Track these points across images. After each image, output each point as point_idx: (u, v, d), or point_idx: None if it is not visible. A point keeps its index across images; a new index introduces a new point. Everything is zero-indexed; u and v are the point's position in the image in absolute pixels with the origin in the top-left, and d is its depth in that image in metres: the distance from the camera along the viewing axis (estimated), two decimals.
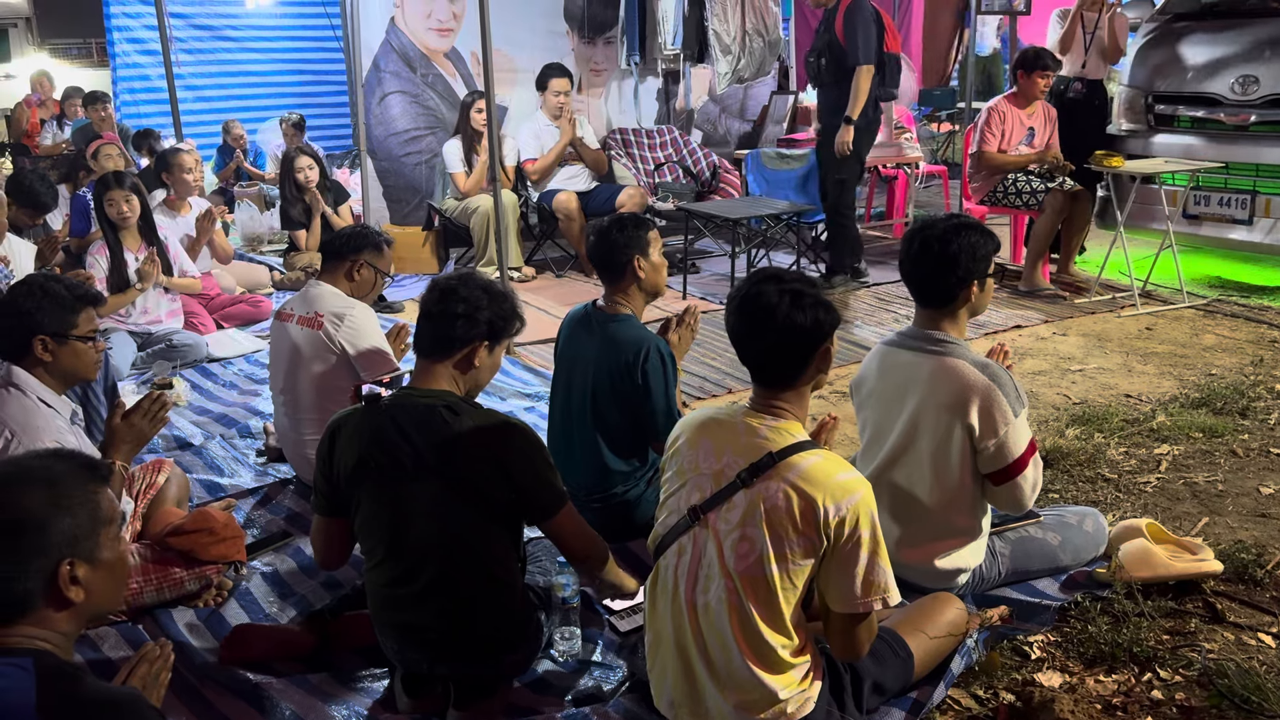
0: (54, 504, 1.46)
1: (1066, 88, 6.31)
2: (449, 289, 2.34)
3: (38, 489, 1.46)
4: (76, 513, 1.47)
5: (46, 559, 1.44)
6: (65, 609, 1.47)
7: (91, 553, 1.49)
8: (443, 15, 6.66)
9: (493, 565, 2.28)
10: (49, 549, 1.44)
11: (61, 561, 1.45)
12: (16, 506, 1.44)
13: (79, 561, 1.47)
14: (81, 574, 1.47)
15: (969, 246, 2.52)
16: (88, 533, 1.48)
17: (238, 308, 5.50)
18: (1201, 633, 2.58)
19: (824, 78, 5.63)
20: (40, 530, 1.44)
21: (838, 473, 1.95)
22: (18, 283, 2.71)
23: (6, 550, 1.43)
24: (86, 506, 1.49)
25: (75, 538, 1.46)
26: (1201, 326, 5.15)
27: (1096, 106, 6.28)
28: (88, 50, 14.07)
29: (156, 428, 2.72)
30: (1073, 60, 6.26)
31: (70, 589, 1.46)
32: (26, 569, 1.43)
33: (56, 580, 1.45)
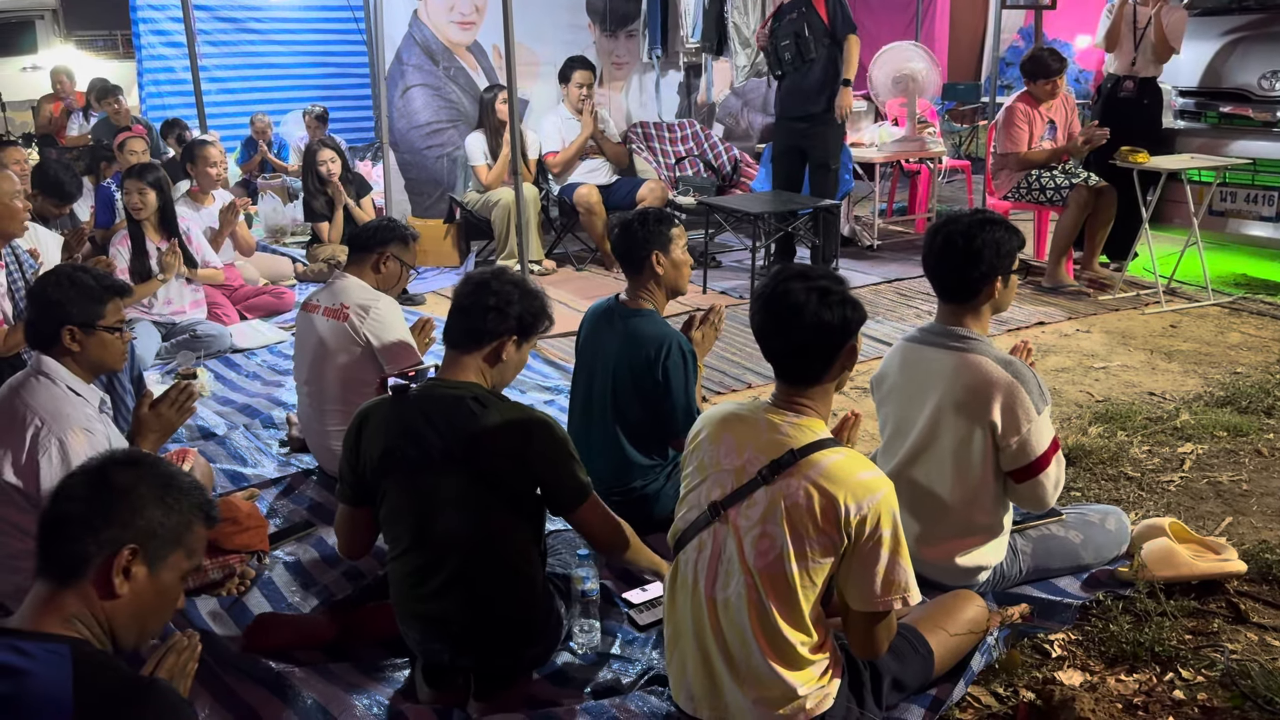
0: (159, 498, 1.53)
1: (1116, 85, 6.01)
2: (482, 282, 2.36)
3: (157, 479, 1.55)
4: (169, 517, 1.53)
5: (120, 534, 1.49)
6: (107, 596, 1.49)
7: (157, 558, 1.52)
8: (465, 9, 6.66)
9: (515, 557, 2.30)
10: (128, 528, 1.49)
11: (127, 545, 1.49)
12: (134, 480, 1.52)
13: (140, 558, 1.50)
14: (137, 571, 1.50)
15: (993, 242, 2.51)
16: (165, 541, 1.53)
17: (261, 299, 5.54)
18: (1224, 633, 2.57)
19: (807, 55, 5.67)
20: (134, 509, 1.50)
21: (859, 471, 1.95)
22: (47, 273, 2.74)
23: (100, 506, 1.49)
24: (180, 521, 1.55)
25: (152, 534, 1.51)
26: (1227, 324, 5.11)
27: (1147, 105, 5.96)
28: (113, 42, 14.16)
29: (183, 418, 2.75)
30: (1121, 57, 5.95)
31: (119, 577, 1.48)
32: (100, 532, 1.48)
33: (114, 560, 1.48)
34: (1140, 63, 5.89)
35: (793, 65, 5.74)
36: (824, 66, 5.71)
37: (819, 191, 5.96)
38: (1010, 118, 5.73)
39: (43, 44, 13.52)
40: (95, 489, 1.51)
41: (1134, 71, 5.92)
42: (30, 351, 2.78)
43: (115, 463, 1.56)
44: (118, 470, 1.54)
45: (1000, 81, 9.68)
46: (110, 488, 1.51)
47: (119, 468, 1.55)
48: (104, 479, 1.52)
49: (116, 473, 1.53)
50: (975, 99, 10.20)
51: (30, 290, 2.80)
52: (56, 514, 1.51)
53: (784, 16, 5.74)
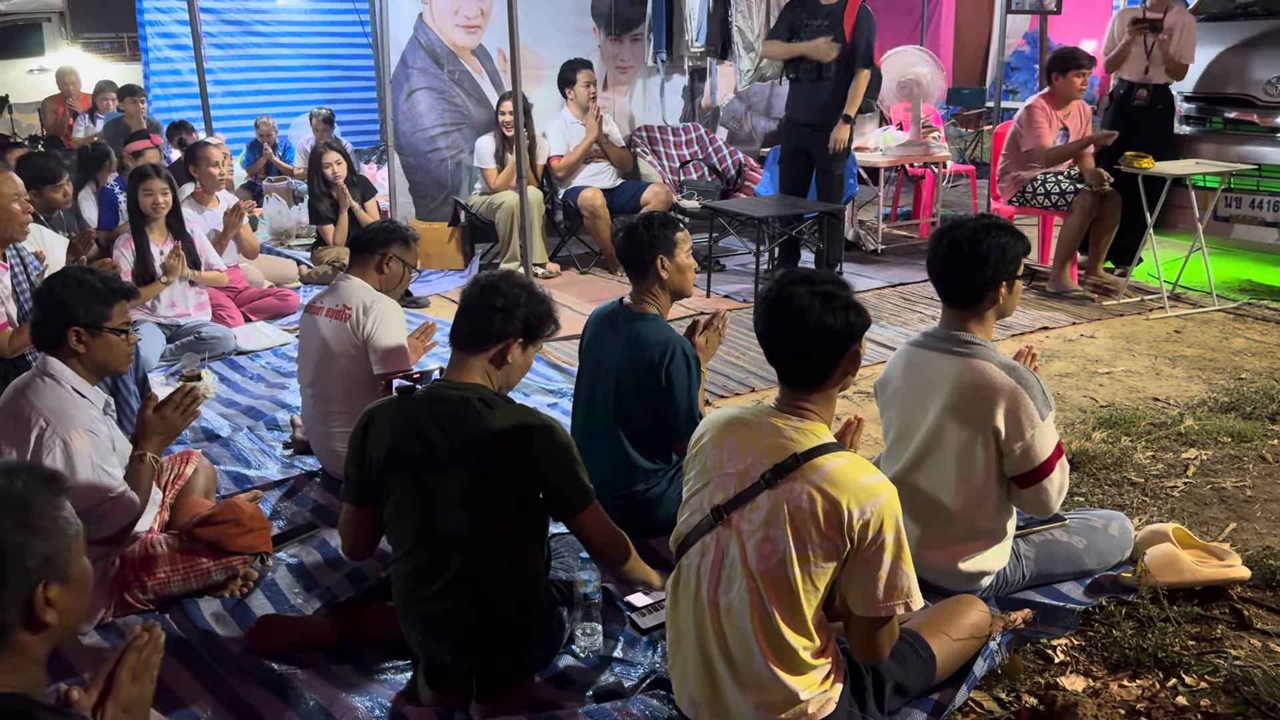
0: (26, 527, 1.38)
1: (1129, 92, 5.92)
2: (490, 284, 2.37)
3: (7, 513, 1.38)
4: (49, 533, 1.39)
5: (24, 585, 1.36)
6: (40, 633, 1.40)
7: (64, 571, 1.41)
8: (470, 12, 6.68)
9: (518, 559, 2.30)
10: (26, 575, 1.36)
11: (36, 585, 1.37)
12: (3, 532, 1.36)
13: (52, 583, 1.39)
14: (54, 595, 1.40)
15: (998, 247, 2.51)
16: (59, 551, 1.40)
17: (265, 301, 5.55)
18: (1228, 639, 2.56)
19: (825, 72, 5.66)
20: (16, 557, 1.36)
21: (863, 476, 1.95)
22: (53, 274, 2.75)
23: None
24: (56, 524, 1.41)
25: (48, 559, 1.39)
26: (1231, 330, 5.10)
27: (1159, 111, 5.89)
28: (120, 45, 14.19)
29: (188, 421, 2.75)
30: (1134, 65, 5.85)
31: (46, 612, 1.39)
32: (2, 600, 1.36)
33: (33, 606, 1.37)
34: (1153, 70, 5.79)
35: (809, 75, 5.74)
36: (836, 84, 5.68)
37: (825, 195, 5.96)
38: (1031, 115, 5.66)
39: (50, 46, 13.55)
40: None
41: (1147, 79, 5.83)
42: (36, 352, 2.79)
43: None
44: None
45: (1005, 86, 9.68)
46: None
47: None
48: None
49: None
50: (980, 104, 10.21)
51: (37, 291, 2.81)
52: None
53: (810, 21, 5.69)
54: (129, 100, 7.92)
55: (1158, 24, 5.66)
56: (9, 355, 3.47)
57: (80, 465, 2.48)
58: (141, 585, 2.70)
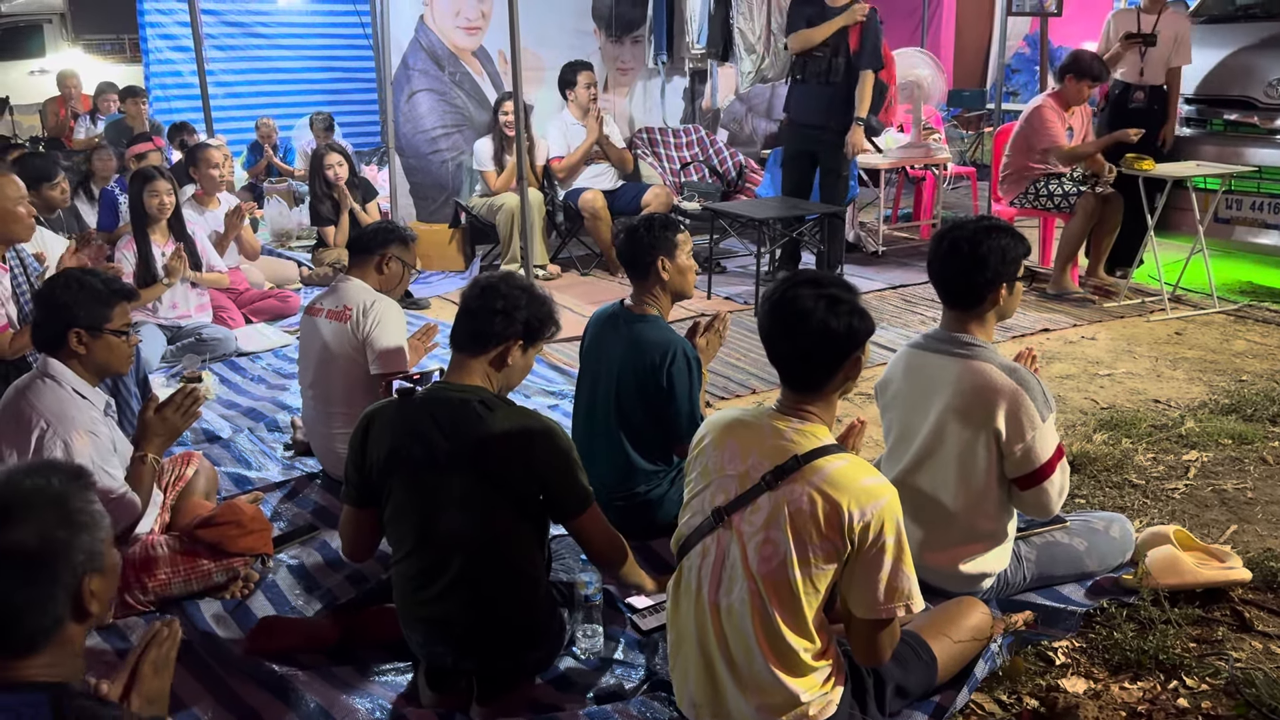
0: (70, 523, 1.42)
1: (1125, 94, 5.89)
2: (490, 286, 2.37)
3: (50, 511, 1.42)
4: (89, 526, 1.44)
5: (73, 579, 1.42)
6: (85, 622, 1.46)
7: (103, 562, 1.46)
8: (471, 14, 6.68)
9: (519, 560, 2.30)
10: (74, 569, 1.42)
11: (83, 578, 1.43)
12: (36, 535, 1.39)
13: (94, 574, 1.45)
14: (96, 586, 1.45)
15: (999, 249, 2.51)
16: (98, 543, 1.46)
17: (266, 302, 5.55)
18: (1229, 641, 2.56)
19: (832, 77, 5.69)
20: (66, 553, 1.41)
21: (863, 477, 1.95)
22: (54, 275, 2.75)
23: (39, 581, 1.40)
24: (93, 517, 1.46)
25: (91, 551, 1.44)
26: (1232, 332, 5.10)
27: (1156, 113, 5.82)
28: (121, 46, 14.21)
29: (188, 422, 2.75)
30: (1129, 67, 5.83)
31: (91, 602, 1.44)
32: (56, 596, 1.41)
33: (81, 598, 1.43)
34: (1148, 72, 5.80)
35: (816, 78, 5.75)
36: (842, 86, 5.71)
37: (828, 197, 5.96)
38: (1043, 115, 5.60)
39: (51, 48, 13.58)
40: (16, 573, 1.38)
41: (1143, 80, 5.83)
42: (37, 354, 2.79)
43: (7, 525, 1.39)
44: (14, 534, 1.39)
45: (1006, 88, 9.67)
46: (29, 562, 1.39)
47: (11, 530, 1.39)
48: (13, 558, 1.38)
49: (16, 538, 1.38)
50: (981, 105, 10.20)
51: (38, 292, 2.81)
52: None
53: (819, 21, 5.68)
54: (130, 102, 7.93)
55: (1151, 38, 5.66)
56: (9, 357, 3.47)
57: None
58: (142, 587, 2.70)
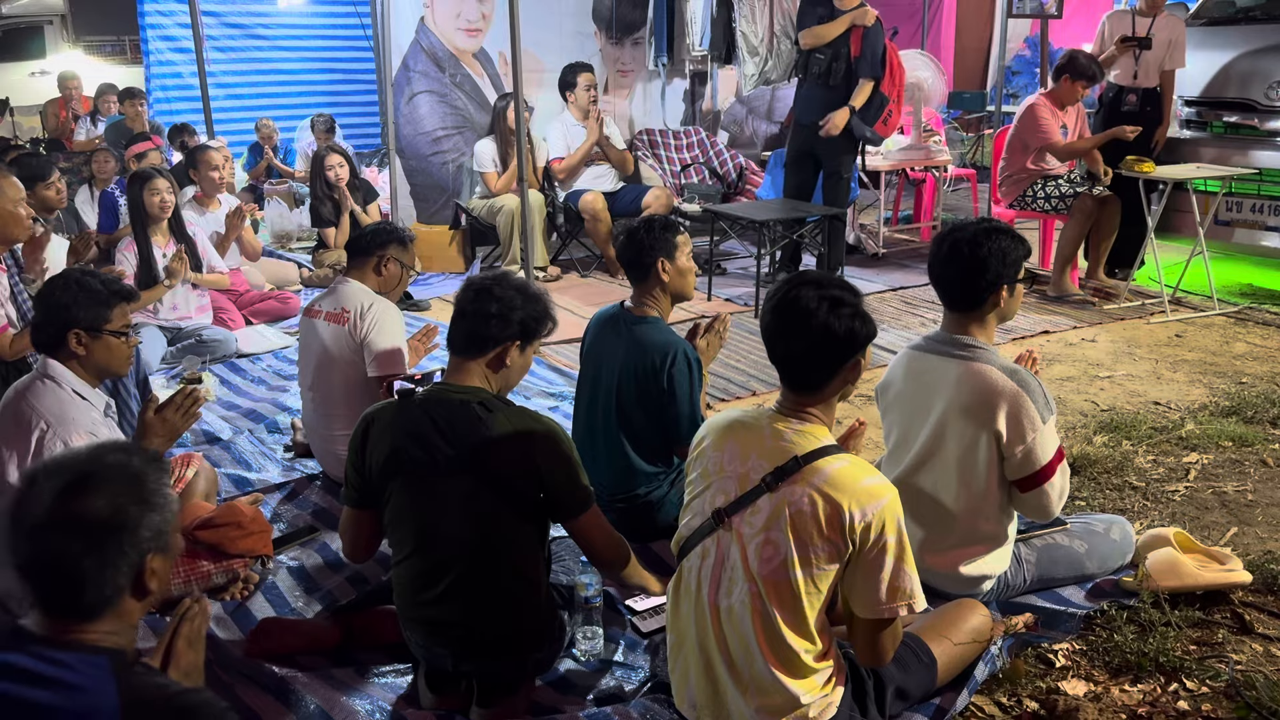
0: (143, 501, 1.49)
1: (1118, 97, 5.86)
2: (484, 288, 2.36)
3: (127, 487, 1.48)
4: (160, 507, 1.51)
5: (138, 555, 1.47)
6: (143, 600, 1.51)
7: (167, 543, 1.53)
8: (472, 16, 6.69)
9: (519, 563, 2.30)
10: (140, 545, 1.47)
11: (146, 555, 1.48)
12: (109, 505, 1.45)
13: (157, 554, 1.50)
14: (157, 565, 1.51)
15: (999, 251, 2.51)
16: (166, 523, 1.52)
17: (266, 304, 5.55)
18: (1229, 643, 2.56)
19: (833, 79, 5.72)
20: (135, 529, 1.47)
21: (864, 478, 1.95)
22: (54, 276, 2.75)
23: (107, 549, 1.45)
24: (166, 499, 1.52)
25: (159, 531, 1.50)
26: (1232, 334, 5.10)
27: (1149, 114, 5.81)
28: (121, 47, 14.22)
29: (188, 423, 2.75)
30: (1123, 69, 5.81)
31: (151, 580, 1.50)
32: (120, 567, 1.46)
33: (143, 574, 1.48)
34: (1142, 74, 5.78)
35: (818, 79, 5.77)
36: (841, 92, 5.76)
37: (831, 199, 5.97)
38: (1036, 113, 5.60)
39: (51, 49, 13.58)
40: (87, 536, 1.44)
41: (1136, 84, 5.81)
42: (37, 355, 2.79)
43: (79, 493, 1.44)
44: (89, 502, 1.44)
45: (1006, 90, 9.69)
46: (100, 527, 1.44)
47: (87, 498, 1.44)
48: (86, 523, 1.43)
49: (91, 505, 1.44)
50: (981, 107, 10.22)
51: (38, 293, 2.81)
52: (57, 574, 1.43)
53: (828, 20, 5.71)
54: (129, 103, 7.93)
55: (1146, 41, 5.65)
56: (9, 358, 3.47)
57: None
58: None
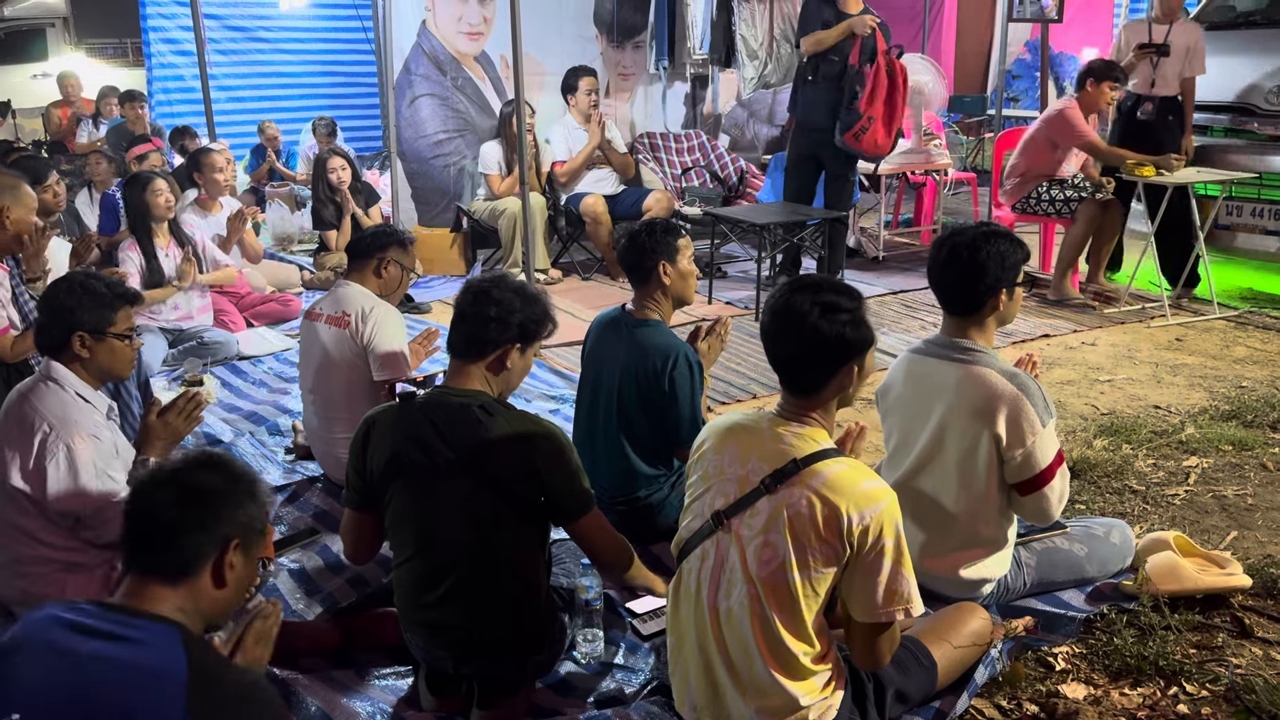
0: (250, 494, 1.67)
1: (1135, 105, 5.74)
2: (482, 291, 2.37)
3: (240, 476, 1.67)
4: (260, 506, 1.68)
5: (228, 529, 1.61)
6: (221, 586, 1.61)
7: (250, 548, 1.66)
8: (473, 19, 6.70)
9: (520, 565, 2.31)
10: (233, 523, 1.62)
11: (233, 539, 1.61)
12: (218, 483, 1.64)
13: (241, 546, 1.63)
14: (236, 561, 1.62)
15: (998, 255, 2.51)
16: (256, 531, 1.67)
17: (268, 306, 5.56)
18: (1229, 647, 2.56)
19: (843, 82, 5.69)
20: (233, 508, 1.63)
21: (862, 481, 1.95)
22: (59, 279, 2.75)
23: (205, 512, 1.60)
24: (264, 506, 1.69)
25: (249, 527, 1.64)
26: (1232, 338, 5.10)
27: (1169, 123, 5.69)
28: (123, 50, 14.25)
29: (191, 426, 2.75)
30: (1141, 78, 5.69)
31: (228, 571, 1.61)
32: (211, 532, 1.60)
33: (225, 553, 1.60)
34: (1160, 82, 5.66)
35: (828, 81, 5.76)
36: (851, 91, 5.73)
37: (833, 202, 5.97)
38: (1070, 115, 5.50)
39: (53, 52, 13.60)
40: (193, 494, 1.61)
41: (1153, 92, 5.69)
42: (39, 357, 2.79)
43: (201, 466, 1.66)
44: (207, 474, 1.64)
45: (1006, 94, 9.70)
46: (207, 491, 1.62)
47: (207, 471, 1.65)
48: (197, 484, 1.62)
49: (206, 476, 1.64)
50: (981, 111, 10.23)
51: (42, 295, 2.81)
52: (158, 521, 1.59)
53: (834, 23, 5.70)
54: (130, 106, 7.94)
55: (1164, 48, 5.60)
56: (11, 360, 3.48)
57: (83, 471, 2.49)
58: None
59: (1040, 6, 7.21)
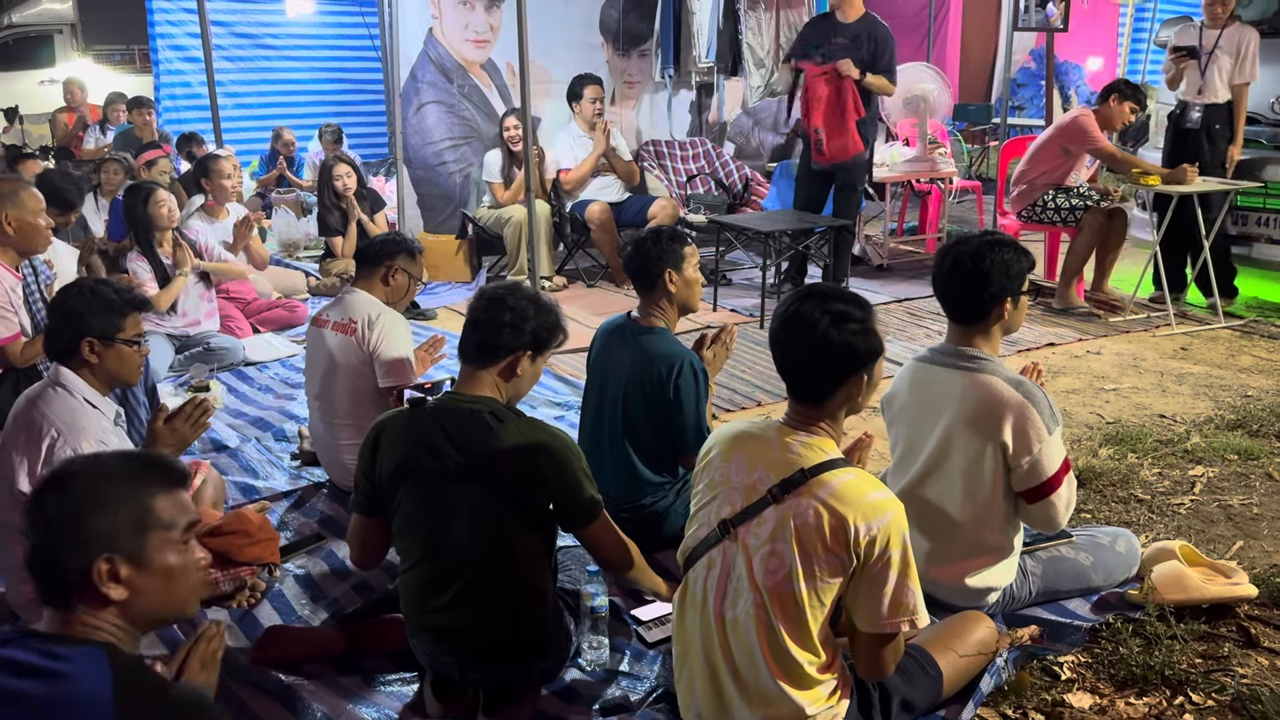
0: (94, 501, 1.48)
1: (1183, 113, 5.63)
2: (497, 298, 2.38)
3: (87, 485, 1.50)
4: (116, 512, 1.48)
5: (80, 554, 1.46)
6: (106, 606, 1.48)
7: (135, 552, 1.49)
8: (480, 27, 6.72)
9: (526, 572, 2.31)
10: (83, 544, 1.46)
11: (98, 558, 1.46)
12: (69, 499, 1.48)
13: (120, 560, 1.47)
14: (124, 573, 1.48)
15: (1002, 263, 2.52)
16: (130, 532, 1.49)
17: (274, 312, 5.57)
18: (1235, 657, 2.56)
19: None
20: (75, 524, 1.47)
21: (870, 492, 1.95)
22: (68, 285, 2.77)
23: (59, 541, 1.47)
24: (130, 507, 1.50)
25: (114, 535, 1.47)
26: (1238, 347, 5.10)
27: (1216, 132, 5.53)
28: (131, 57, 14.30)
29: (197, 432, 2.76)
30: (1189, 86, 5.58)
31: (109, 586, 1.47)
32: (61, 559, 1.47)
33: (92, 578, 1.46)
34: (1206, 90, 5.52)
35: None
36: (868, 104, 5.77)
37: (841, 210, 5.97)
38: (1085, 122, 5.48)
39: (61, 58, 13.67)
40: (45, 521, 1.49)
41: (1200, 99, 5.56)
42: (48, 363, 2.81)
43: (46, 488, 1.52)
44: (49, 497, 1.50)
45: (1011, 102, 9.70)
46: (53, 518, 1.48)
47: (49, 493, 1.50)
48: (42, 509, 1.49)
49: (49, 500, 1.50)
50: (986, 120, 10.23)
51: (51, 302, 2.83)
52: (30, 550, 1.49)
53: (833, 38, 5.73)
54: (138, 112, 7.97)
55: (1193, 51, 5.55)
56: (22, 365, 3.49)
57: None
58: None
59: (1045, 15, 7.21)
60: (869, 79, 5.65)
